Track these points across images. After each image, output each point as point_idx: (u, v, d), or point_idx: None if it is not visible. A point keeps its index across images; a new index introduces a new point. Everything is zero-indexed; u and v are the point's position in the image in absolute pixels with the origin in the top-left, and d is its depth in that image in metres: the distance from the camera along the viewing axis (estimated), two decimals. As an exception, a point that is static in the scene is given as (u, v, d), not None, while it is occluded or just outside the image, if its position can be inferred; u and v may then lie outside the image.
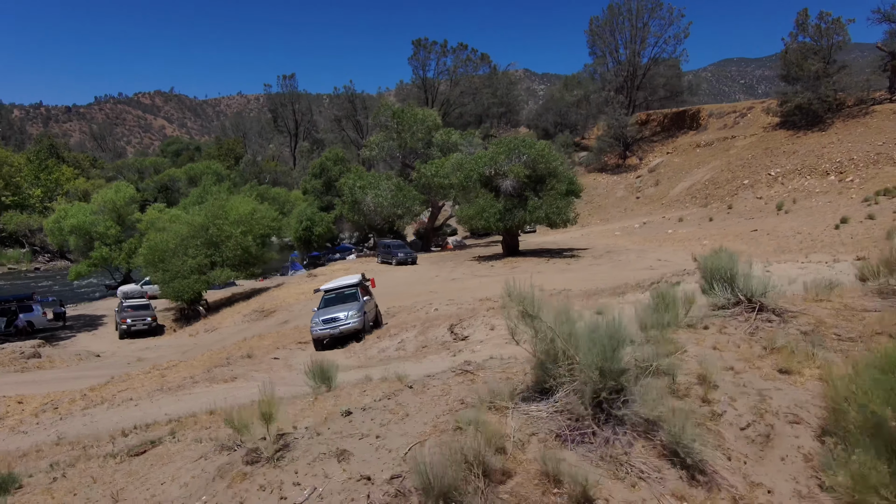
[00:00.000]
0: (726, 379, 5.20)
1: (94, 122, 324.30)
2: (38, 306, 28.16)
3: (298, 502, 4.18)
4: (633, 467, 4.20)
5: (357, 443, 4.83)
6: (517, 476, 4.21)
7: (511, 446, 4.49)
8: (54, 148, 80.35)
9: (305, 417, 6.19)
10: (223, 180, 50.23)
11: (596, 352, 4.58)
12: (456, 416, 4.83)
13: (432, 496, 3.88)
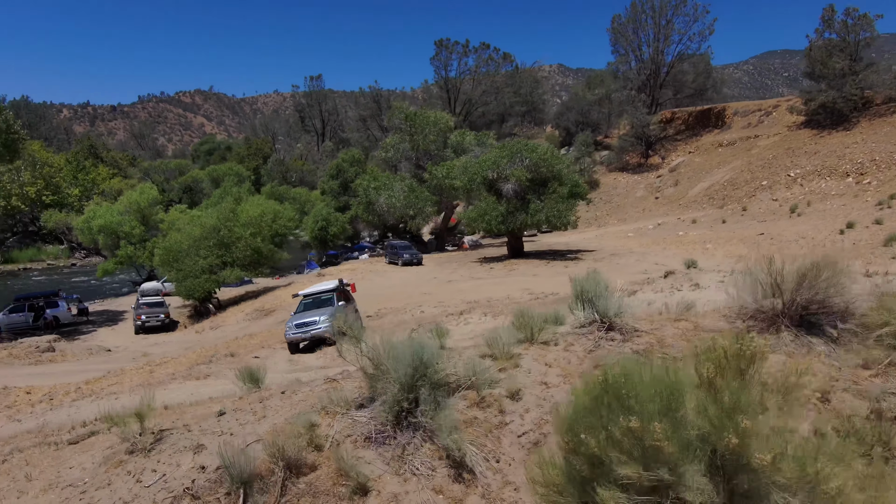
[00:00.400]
0: (534, 392, 6.01)
1: (138, 120, 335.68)
2: (63, 302, 30.39)
3: (148, 485, 5.23)
4: (412, 465, 5.10)
5: (215, 439, 5.85)
6: (321, 469, 5.16)
7: (328, 445, 5.45)
8: (94, 148, 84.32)
9: (201, 416, 7.25)
10: (244, 181, 52.26)
11: (399, 368, 5.49)
12: (296, 418, 5.82)
13: (238, 483, 4.87)
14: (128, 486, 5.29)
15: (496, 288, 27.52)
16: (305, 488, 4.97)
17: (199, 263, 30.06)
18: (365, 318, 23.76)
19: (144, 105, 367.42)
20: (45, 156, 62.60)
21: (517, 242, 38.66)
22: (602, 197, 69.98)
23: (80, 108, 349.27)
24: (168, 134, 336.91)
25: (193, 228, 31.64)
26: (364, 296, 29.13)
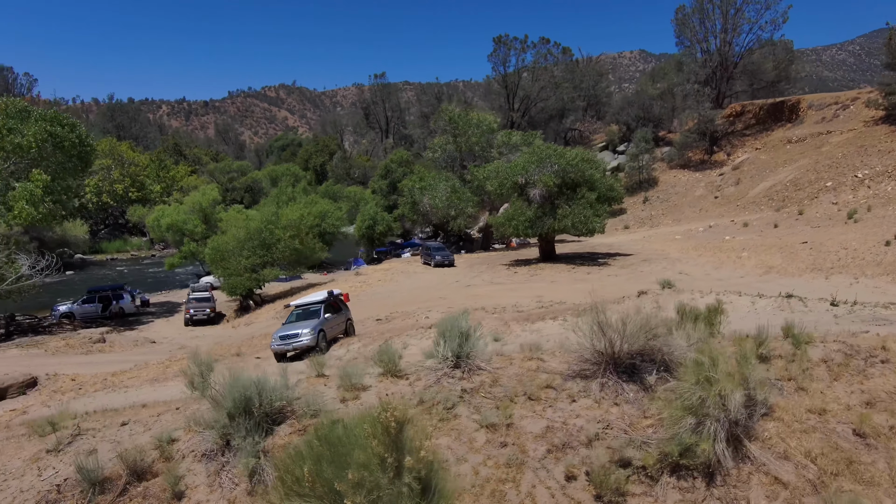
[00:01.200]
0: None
1: (227, 114, 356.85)
2: (127, 295, 34.37)
3: (43, 479, 7.00)
4: (222, 480, 6.54)
5: (107, 445, 7.56)
6: (160, 477, 6.71)
7: (176, 457, 7.00)
8: (178, 147, 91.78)
9: (115, 423, 9.02)
10: (299, 181, 55.58)
11: (227, 402, 6.93)
12: (159, 433, 7.41)
13: (89, 483, 6.51)
14: (31, 478, 7.09)
15: (509, 294, 28.35)
16: (142, 491, 6.55)
17: (241, 263, 32.96)
18: (374, 321, 25.49)
19: (233, 100, 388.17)
20: (131, 155, 69.31)
21: (548, 246, 39.05)
22: (659, 195, 68.13)
23: (177, 103, 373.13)
24: (254, 127, 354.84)
25: (239, 230, 34.64)
26: (383, 298, 30.91)
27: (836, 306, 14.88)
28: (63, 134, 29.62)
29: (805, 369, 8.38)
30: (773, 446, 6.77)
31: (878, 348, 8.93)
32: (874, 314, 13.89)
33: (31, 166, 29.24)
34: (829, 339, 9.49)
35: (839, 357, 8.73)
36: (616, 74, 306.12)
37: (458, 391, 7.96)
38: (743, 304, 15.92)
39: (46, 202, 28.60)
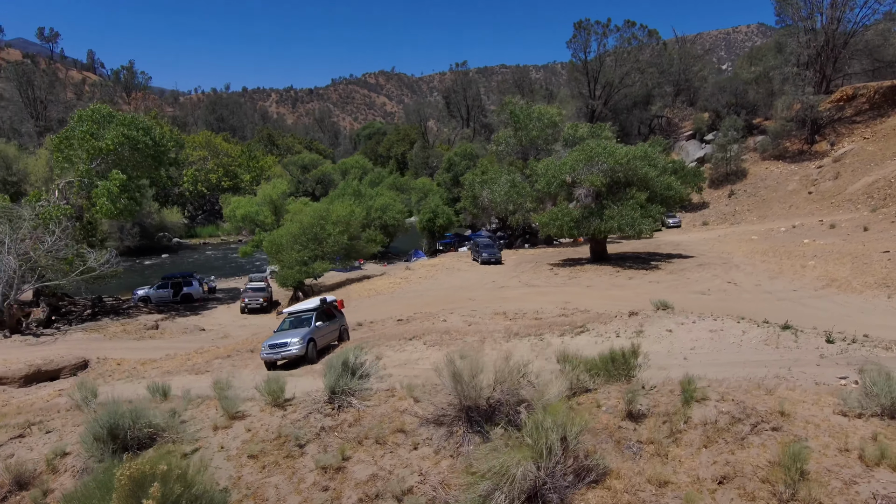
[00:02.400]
0: (213, 454, 7.93)
1: (330, 101, 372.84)
2: (196, 282, 37.78)
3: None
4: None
5: (18, 449, 8.84)
6: (41, 487, 7.81)
7: (61, 470, 8.10)
8: (271, 137, 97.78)
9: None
10: (366, 174, 57.50)
11: (94, 428, 7.87)
12: (55, 447, 8.54)
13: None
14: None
15: (538, 299, 28.05)
16: (19, 499, 7.68)
17: (293, 256, 35.04)
18: (395, 321, 26.25)
19: (336, 87, 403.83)
20: (225, 146, 74.79)
21: (598, 246, 37.86)
22: (747, 189, 63.36)
23: (285, 91, 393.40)
24: (354, 113, 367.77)
25: (292, 225, 36.76)
26: (415, 296, 31.63)
27: (832, 343, 13.59)
28: (138, 137, 32.87)
29: (676, 432, 7.94)
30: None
31: (775, 412, 8.23)
32: (869, 356, 12.59)
33: (112, 167, 32.79)
34: (728, 398, 8.85)
35: (724, 420, 8.16)
36: (730, 52, 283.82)
37: (318, 428, 8.42)
38: (732, 335, 14.89)
39: (123, 199, 32.01)
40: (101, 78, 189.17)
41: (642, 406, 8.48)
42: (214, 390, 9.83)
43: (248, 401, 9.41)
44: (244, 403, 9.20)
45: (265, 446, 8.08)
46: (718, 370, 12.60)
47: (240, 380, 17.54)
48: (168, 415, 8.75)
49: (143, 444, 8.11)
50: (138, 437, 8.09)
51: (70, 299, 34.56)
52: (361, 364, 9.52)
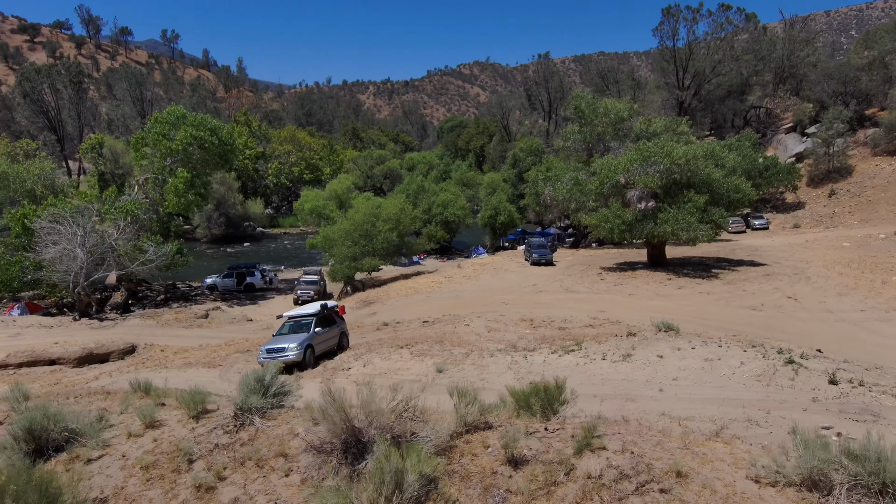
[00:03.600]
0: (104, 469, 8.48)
1: (424, 92, 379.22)
2: (257, 273, 40.17)
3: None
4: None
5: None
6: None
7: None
8: (355, 131, 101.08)
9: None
10: (432, 170, 57.93)
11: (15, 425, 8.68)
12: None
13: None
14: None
15: (573, 306, 27.12)
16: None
17: (343, 251, 36.26)
18: (420, 322, 26.42)
19: (431, 79, 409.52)
20: (308, 140, 78.34)
21: (655, 251, 35.83)
22: (850, 189, 57.16)
23: (382, 84, 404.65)
24: (448, 104, 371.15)
25: (345, 221, 37.97)
26: (452, 296, 31.60)
27: (834, 384, 12.08)
28: (206, 137, 35.32)
29: (551, 483, 7.40)
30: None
31: (671, 472, 7.44)
32: (870, 403, 11.14)
33: (183, 164, 35.52)
34: (629, 449, 8.11)
35: (611, 475, 7.48)
36: (861, 29, 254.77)
37: (213, 445, 8.76)
38: (727, 365, 13.61)
39: (189, 194, 34.62)
40: (213, 75, 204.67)
41: (529, 450, 8.00)
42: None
43: (177, 409, 9.94)
44: (167, 412, 9.74)
45: (160, 458, 8.54)
46: (688, 407, 11.70)
47: (232, 381, 18.45)
48: (95, 418, 9.47)
49: (59, 447, 8.83)
50: (57, 439, 8.81)
51: (147, 285, 38.00)
52: (279, 383, 9.75)
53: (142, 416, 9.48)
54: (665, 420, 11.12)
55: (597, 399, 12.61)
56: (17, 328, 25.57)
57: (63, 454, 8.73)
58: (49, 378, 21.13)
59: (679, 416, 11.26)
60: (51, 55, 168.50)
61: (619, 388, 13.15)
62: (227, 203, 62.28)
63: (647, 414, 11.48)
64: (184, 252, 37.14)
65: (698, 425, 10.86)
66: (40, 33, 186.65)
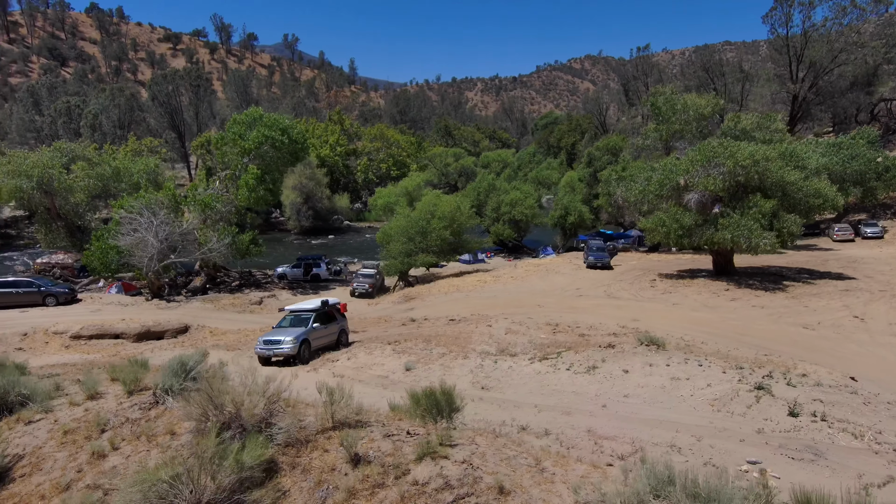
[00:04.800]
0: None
1: (532, 88, 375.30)
2: (323, 264, 42.53)
3: None
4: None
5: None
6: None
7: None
8: (448, 128, 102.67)
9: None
10: (505, 168, 57.54)
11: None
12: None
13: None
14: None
15: (610, 312, 26.17)
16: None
17: (397, 247, 37.43)
18: (447, 320, 26.72)
19: (539, 74, 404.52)
20: (397, 138, 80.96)
21: (720, 258, 33.31)
22: None
23: (490, 80, 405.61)
24: (556, 100, 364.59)
25: (401, 219, 39.09)
26: (490, 297, 31.55)
27: (794, 416, 10.94)
28: (276, 136, 38.00)
29: (377, 485, 7.52)
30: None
31: (494, 488, 7.29)
32: (821, 441, 10.12)
33: (258, 162, 38.50)
34: (470, 461, 8.01)
35: (436, 484, 7.44)
36: None
37: (126, 418, 9.89)
38: (691, 386, 12.69)
39: (260, 189, 37.47)
40: (326, 75, 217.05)
41: (376, 452, 8.21)
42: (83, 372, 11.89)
43: (120, 385, 11.23)
44: (112, 386, 11.05)
45: (81, 426, 9.78)
46: (619, 426, 11.27)
47: (233, 364, 19.87)
48: (52, 387, 10.99)
49: (11, 409, 10.39)
50: (13, 402, 10.38)
51: (226, 271, 41.62)
52: (197, 367, 10.71)
53: (86, 389, 10.82)
54: (585, 437, 10.79)
55: (535, 409, 12.41)
56: (99, 305, 29.38)
57: (12, 416, 10.21)
58: (110, 350, 24.14)
59: (603, 434, 10.82)
60: (188, 60, 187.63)
61: (565, 400, 12.79)
62: (315, 197, 66.21)
63: (573, 429, 11.19)
64: (259, 242, 40.15)
65: (613, 445, 10.47)
66: (181, 41, 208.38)
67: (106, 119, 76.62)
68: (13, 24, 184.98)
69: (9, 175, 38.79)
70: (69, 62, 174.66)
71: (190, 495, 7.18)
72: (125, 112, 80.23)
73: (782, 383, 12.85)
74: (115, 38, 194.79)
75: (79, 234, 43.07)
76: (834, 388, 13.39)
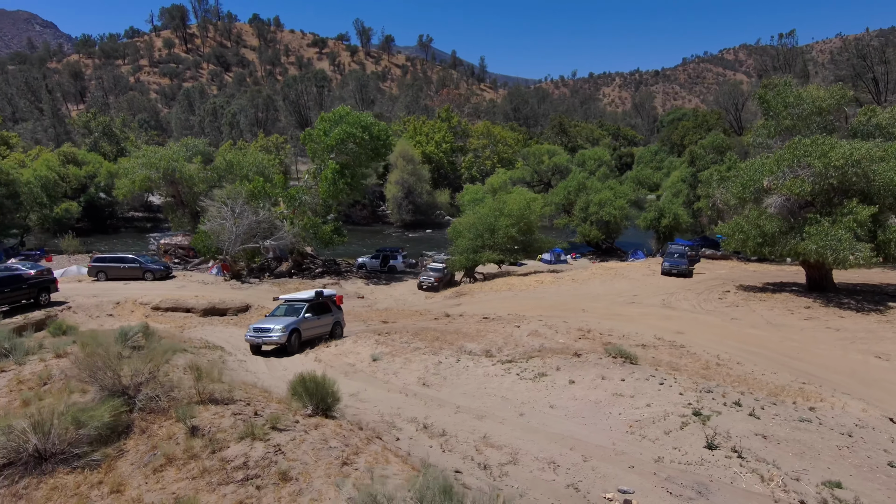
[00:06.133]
0: None
1: (676, 82, 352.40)
2: (400, 256, 43.95)
3: None
4: None
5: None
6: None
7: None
8: (562, 125, 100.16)
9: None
10: (601, 166, 54.79)
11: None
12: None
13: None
14: None
15: (656, 323, 24.39)
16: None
17: (464, 243, 37.65)
18: (481, 318, 26.41)
19: (685, 67, 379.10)
20: (504, 135, 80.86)
21: (813, 272, 29.23)
22: None
23: (629, 75, 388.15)
24: (703, 94, 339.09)
25: (470, 215, 39.12)
26: (536, 298, 30.63)
27: (711, 449, 9.66)
28: (358, 133, 39.98)
29: (193, 456, 7.92)
30: None
31: (278, 474, 7.42)
32: (717, 479, 9.03)
33: (342, 158, 40.83)
34: (276, 447, 8.13)
35: (237, 462, 7.76)
36: None
37: (66, 375, 11.41)
38: (626, 405, 11.58)
39: (340, 183, 39.75)
40: (458, 73, 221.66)
41: (214, 427, 8.69)
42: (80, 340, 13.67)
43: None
44: (74, 347, 12.74)
45: (32, 378, 11.47)
46: (519, 436, 10.95)
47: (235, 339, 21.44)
48: (36, 345, 12.96)
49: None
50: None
51: (312, 258, 44.72)
52: (134, 336, 12.03)
53: (54, 349, 12.62)
54: (473, 441, 10.48)
55: (454, 409, 12.22)
56: (185, 282, 33.24)
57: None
58: (178, 321, 27.26)
59: (494, 441, 10.46)
60: (331, 63, 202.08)
61: (489, 403, 12.35)
62: (416, 192, 68.34)
63: (471, 433, 10.92)
64: (342, 232, 42.64)
65: (491, 453, 10.12)
66: (326, 45, 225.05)
67: (244, 118, 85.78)
68: (190, 35, 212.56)
69: (142, 167, 45.04)
70: (232, 68, 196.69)
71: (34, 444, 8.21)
72: (262, 111, 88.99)
73: (740, 413, 11.27)
74: (270, 45, 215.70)
75: (198, 220, 48.82)
76: (824, 428, 11.45)
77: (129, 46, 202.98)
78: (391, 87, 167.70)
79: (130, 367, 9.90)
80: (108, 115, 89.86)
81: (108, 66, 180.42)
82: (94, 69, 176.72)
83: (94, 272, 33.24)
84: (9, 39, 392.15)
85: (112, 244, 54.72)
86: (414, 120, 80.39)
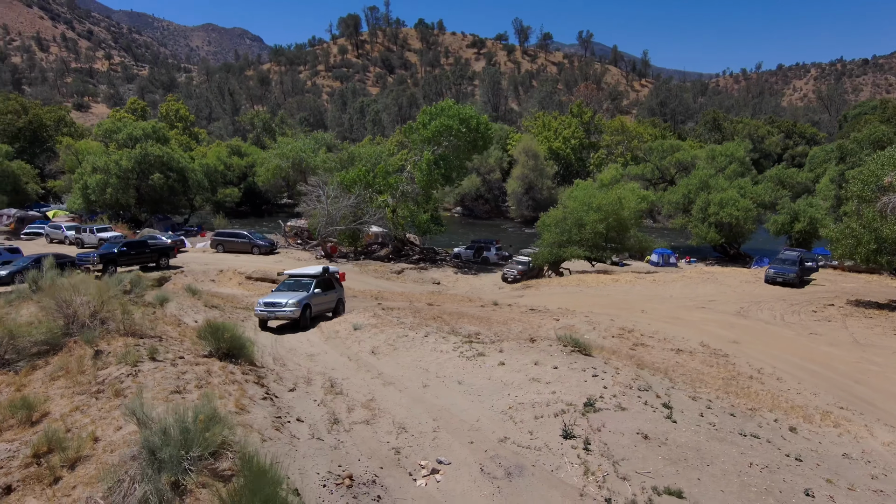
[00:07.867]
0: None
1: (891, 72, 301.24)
2: (493, 248, 43.95)
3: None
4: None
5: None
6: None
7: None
8: (716, 120, 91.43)
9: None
10: (732, 162, 48.87)
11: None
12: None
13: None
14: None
15: (714, 331, 22.04)
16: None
17: (549, 238, 36.72)
18: (527, 309, 25.72)
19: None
20: (639, 131, 76.49)
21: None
22: None
23: (829, 66, 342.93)
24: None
25: (558, 210, 37.84)
26: (601, 297, 29.03)
27: (567, 438, 8.99)
28: (455, 126, 40.98)
29: (82, 371, 9.33)
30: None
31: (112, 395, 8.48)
32: (534, 466, 8.57)
33: (443, 150, 42.20)
34: (144, 377, 9.22)
35: (108, 381, 8.88)
36: None
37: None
38: (536, 390, 10.88)
39: (435, 173, 41.13)
40: (617, 69, 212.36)
41: (111, 353, 10.17)
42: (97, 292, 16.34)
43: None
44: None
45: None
46: (404, 404, 11.16)
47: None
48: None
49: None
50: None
51: (412, 245, 46.79)
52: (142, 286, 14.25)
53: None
54: (360, 402, 10.91)
55: (375, 375, 12.64)
56: (283, 258, 36.98)
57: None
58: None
59: (374, 405, 10.72)
60: (488, 62, 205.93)
61: (408, 374, 12.51)
62: (536, 188, 67.45)
63: (363, 396, 11.32)
64: (440, 221, 44.21)
65: (360, 412, 10.50)
66: (485, 45, 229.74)
67: (386, 115, 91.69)
68: (362, 42, 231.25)
69: (275, 157, 50.75)
70: (396, 70, 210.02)
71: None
72: (405, 109, 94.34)
73: (654, 413, 10.12)
74: (432, 48, 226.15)
75: (321, 206, 53.65)
76: (771, 446, 9.83)
77: (309, 54, 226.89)
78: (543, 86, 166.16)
79: (84, 304, 11.85)
80: (277, 114, 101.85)
81: (290, 72, 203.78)
82: (279, 75, 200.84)
83: (215, 244, 38.55)
84: (225, 53, 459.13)
85: (255, 225, 62.24)
86: (543, 115, 79.16)
